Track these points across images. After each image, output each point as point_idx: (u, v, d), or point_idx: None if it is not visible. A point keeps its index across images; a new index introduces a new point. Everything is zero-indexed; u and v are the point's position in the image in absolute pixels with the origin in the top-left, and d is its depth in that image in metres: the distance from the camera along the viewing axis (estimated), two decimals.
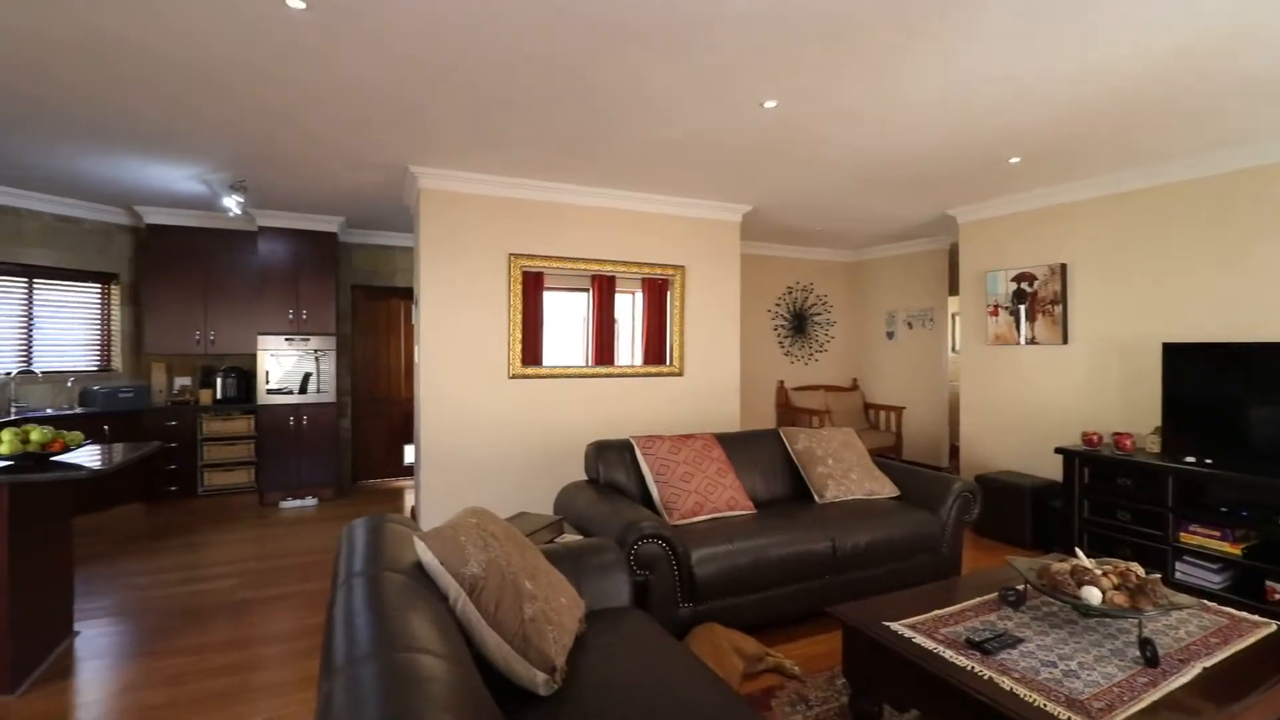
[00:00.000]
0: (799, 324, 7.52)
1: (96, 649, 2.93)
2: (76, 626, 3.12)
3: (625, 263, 4.95)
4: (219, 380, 5.75)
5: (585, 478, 3.47)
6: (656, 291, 5.17)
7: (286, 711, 2.44)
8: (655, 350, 5.20)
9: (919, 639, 2.01)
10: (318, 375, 5.81)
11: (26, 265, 5.01)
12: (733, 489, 3.32)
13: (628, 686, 1.72)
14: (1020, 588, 2.26)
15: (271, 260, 5.59)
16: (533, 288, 4.71)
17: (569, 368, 4.82)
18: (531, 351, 4.70)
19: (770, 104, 3.05)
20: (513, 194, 4.53)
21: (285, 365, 5.69)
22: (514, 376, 4.58)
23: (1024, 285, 4.86)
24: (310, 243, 5.71)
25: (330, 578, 2.29)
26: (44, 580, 2.78)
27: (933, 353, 6.78)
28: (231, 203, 4.51)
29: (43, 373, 5.12)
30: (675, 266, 5.12)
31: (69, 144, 3.75)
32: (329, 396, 5.82)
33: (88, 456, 2.84)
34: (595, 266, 4.86)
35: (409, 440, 6.62)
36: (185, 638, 3.04)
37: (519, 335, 4.59)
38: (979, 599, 2.32)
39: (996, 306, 5.05)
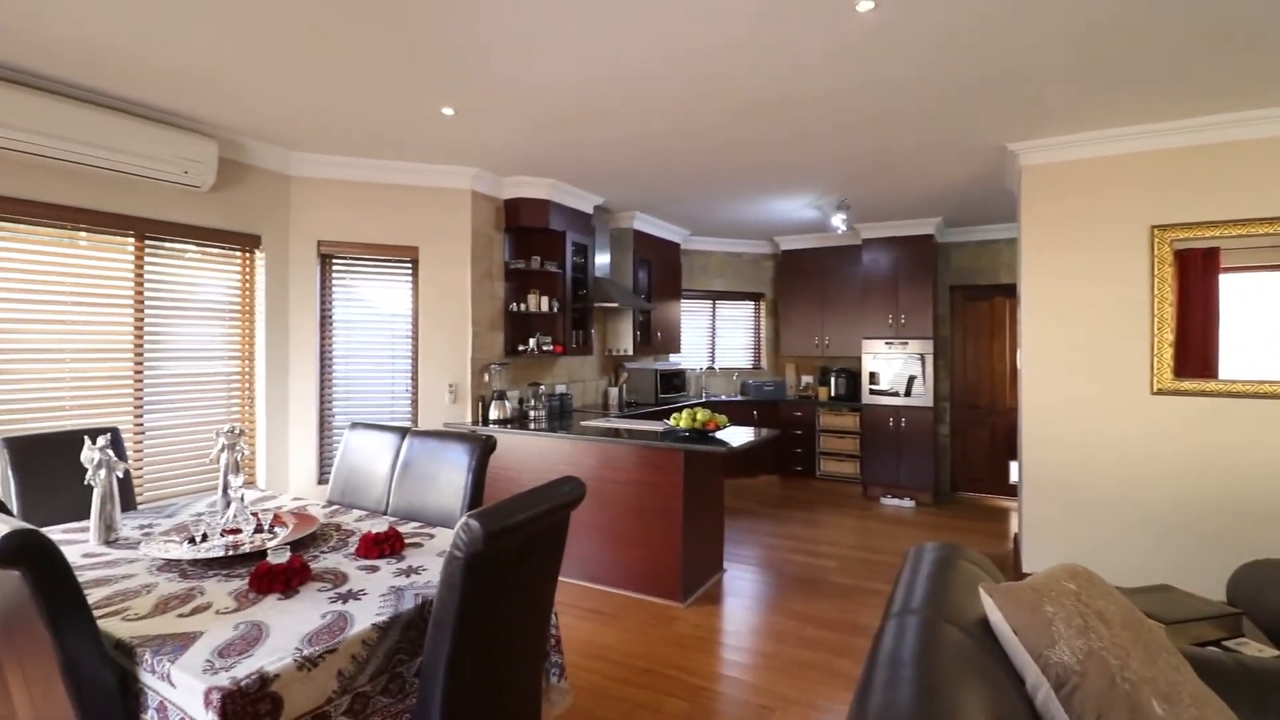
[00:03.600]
0: None
1: (736, 587, 3.75)
2: (725, 565, 4.09)
3: None
4: (832, 379, 6.51)
5: None
6: None
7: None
8: None
9: None
10: (922, 378, 5.81)
11: (710, 291, 6.95)
12: None
13: None
14: None
15: (873, 269, 5.95)
16: (1196, 270, 3.38)
17: (1267, 383, 3.24)
18: (1196, 358, 3.38)
19: None
20: (1152, 145, 3.36)
21: (892, 367, 5.92)
22: (1160, 392, 3.40)
23: None
24: (908, 248, 5.79)
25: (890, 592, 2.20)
26: (705, 525, 3.74)
27: None
28: (838, 221, 5.01)
29: (720, 368, 6.99)
30: None
31: (732, 199, 4.95)
32: (926, 401, 5.76)
33: (729, 435, 3.67)
34: None
35: (1014, 455, 5.87)
36: (793, 602, 3.54)
37: (1170, 336, 3.38)
38: None
39: None
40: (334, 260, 4.10)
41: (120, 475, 2.32)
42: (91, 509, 2.07)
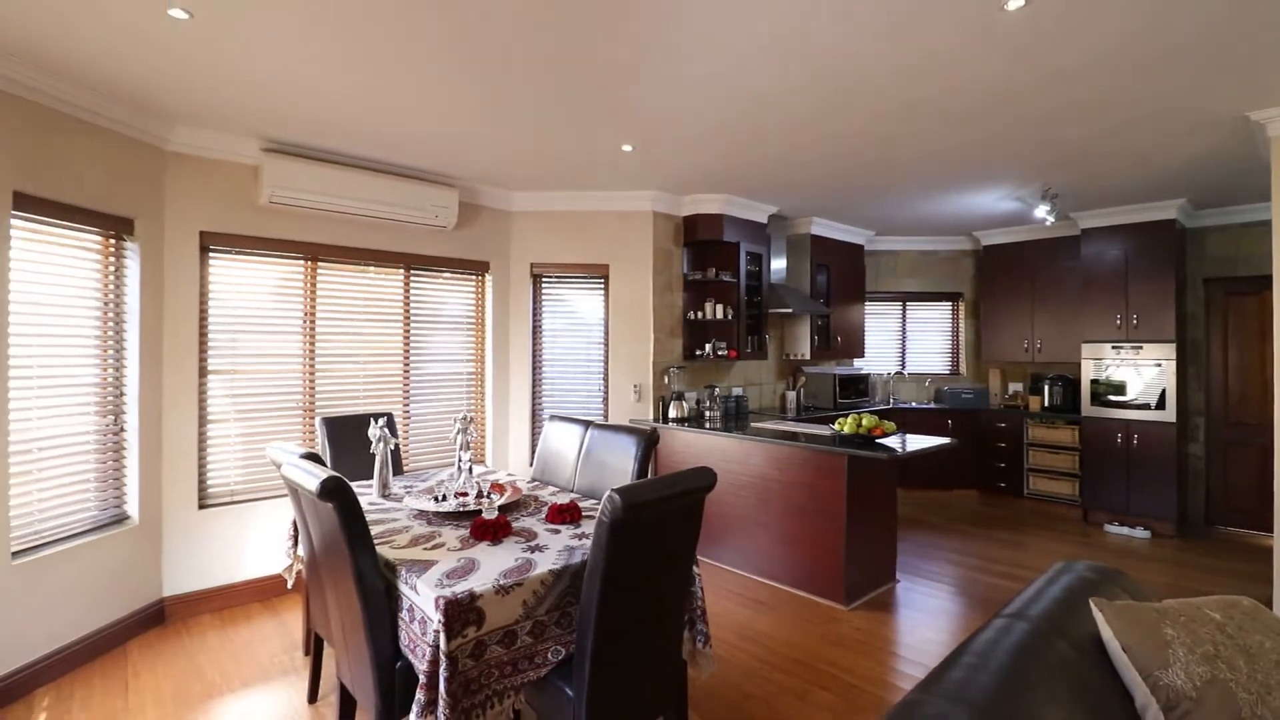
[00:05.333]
0: None
1: (908, 599, 3.69)
2: (899, 576, 4.01)
3: None
4: (1046, 388, 5.84)
5: None
6: None
7: None
8: None
9: None
10: (1172, 388, 4.97)
11: (900, 292, 6.64)
12: None
13: None
14: None
15: (1095, 263, 5.23)
16: None
17: None
18: None
19: None
20: None
21: (1120, 374, 5.18)
22: None
23: None
24: (1141, 236, 5.00)
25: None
26: (872, 532, 3.73)
27: None
28: (1042, 212, 4.54)
29: (909, 374, 6.65)
30: None
31: (916, 198, 4.78)
32: (1167, 415, 4.92)
33: (897, 443, 3.62)
34: None
35: None
36: (973, 622, 3.39)
37: None
38: None
39: None
40: (543, 279, 4.86)
41: (392, 448, 3.15)
42: (374, 471, 2.87)
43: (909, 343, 6.74)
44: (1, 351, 2.59)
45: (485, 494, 2.69)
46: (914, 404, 6.40)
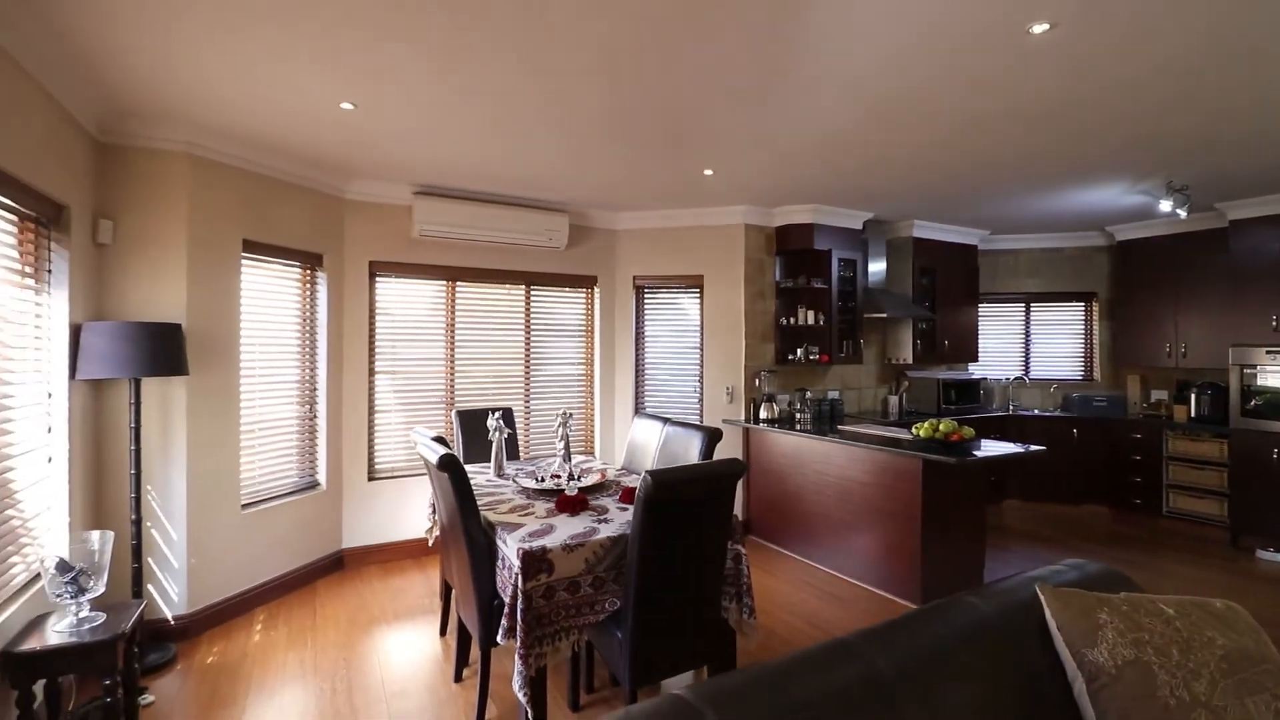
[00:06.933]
0: None
1: None
2: (987, 584, 3.98)
3: None
4: (1192, 396, 5.30)
5: None
6: None
7: None
8: None
9: None
10: None
11: (1021, 293, 6.30)
12: None
13: None
14: None
15: (1247, 257, 4.70)
16: None
17: None
18: None
19: None
20: None
21: (1277, 383, 4.62)
22: None
23: None
24: None
25: None
26: (955, 536, 3.78)
27: None
28: (1169, 206, 4.23)
29: (1031, 379, 6.29)
30: None
31: (1026, 196, 4.64)
32: None
33: (980, 448, 3.64)
34: None
35: None
36: None
37: None
38: None
39: None
40: (644, 290, 5.36)
41: (506, 437, 3.79)
42: (491, 455, 3.52)
43: (1034, 347, 6.37)
44: (235, 355, 3.56)
45: (575, 477, 3.22)
46: (1035, 411, 6.07)
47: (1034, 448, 3.71)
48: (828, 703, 1.27)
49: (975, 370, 6.35)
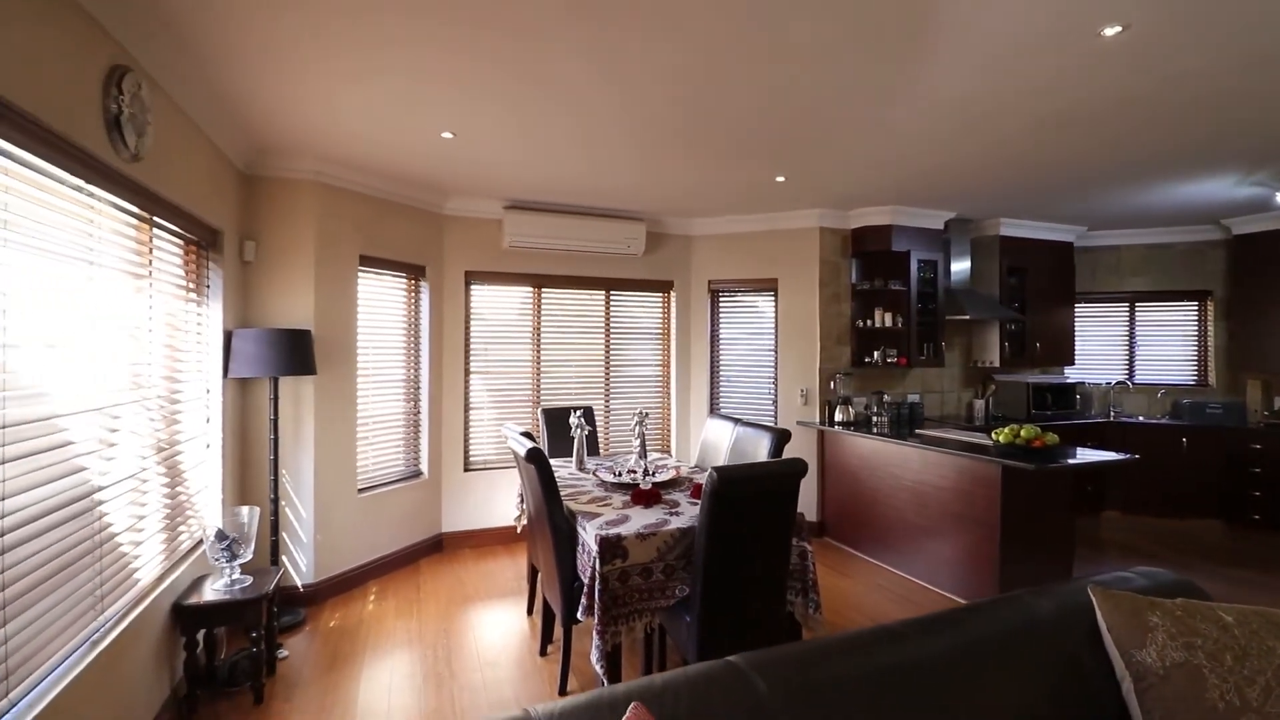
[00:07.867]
0: None
1: None
2: None
3: None
4: None
5: None
6: None
7: None
8: None
9: None
10: None
11: (1124, 292, 5.92)
12: None
13: None
14: None
15: None
16: None
17: None
18: None
19: None
20: None
21: None
22: None
23: None
24: None
25: None
26: (1037, 546, 3.68)
27: None
28: None
29: (1135, 384, 5.90)
30: None
31: (1124, 190, 4.42)
32: None
33: (1069, 456, 3.54)
34: None
35: None
36: None
37: None
38: None
39: None
40: (719, 294, 5.50)
41: (587, 433, 4.06)
42: (574, 450, 3.80)
43: (1139, 350, 5.98)
44: (353, 357, 4.02)
45: (650, 472, 3.43)
46: (1140, 418, 5.69)
47: (1124, 456, 3.56)
48: (868, 680, 1.40)
49: (1071, 374, 6.04)
